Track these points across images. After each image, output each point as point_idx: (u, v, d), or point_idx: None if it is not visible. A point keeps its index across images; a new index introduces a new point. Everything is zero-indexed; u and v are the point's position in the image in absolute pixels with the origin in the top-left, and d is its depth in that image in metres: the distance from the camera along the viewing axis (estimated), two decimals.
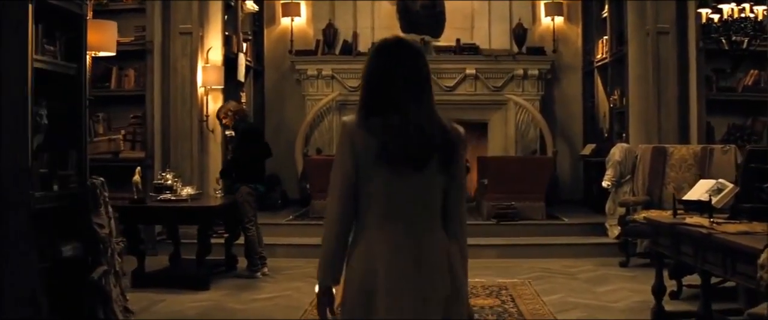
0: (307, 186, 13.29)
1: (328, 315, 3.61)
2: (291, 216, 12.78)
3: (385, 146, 3.44)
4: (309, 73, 14.65)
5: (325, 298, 3.59)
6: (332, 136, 14.39)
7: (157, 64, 11.37)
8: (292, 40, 14.96)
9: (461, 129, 3.66)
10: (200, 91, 11.74)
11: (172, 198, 9.33)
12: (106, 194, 7.15)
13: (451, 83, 14.46)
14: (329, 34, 14.78)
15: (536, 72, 14.51)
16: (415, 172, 3.48)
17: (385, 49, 3.63)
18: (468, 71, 14.46)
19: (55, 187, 6.78)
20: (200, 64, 11.63)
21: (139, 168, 9.34)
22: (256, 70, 14.77)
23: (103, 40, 8.53)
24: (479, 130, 14.95)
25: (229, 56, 12.45)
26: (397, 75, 3.53)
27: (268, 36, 15.38)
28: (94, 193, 6.98)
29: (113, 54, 8.92)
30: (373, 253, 3.50)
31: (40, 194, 6.50)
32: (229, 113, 9.89)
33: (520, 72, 14.47)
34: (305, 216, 12.79)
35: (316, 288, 3.62)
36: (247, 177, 9.75)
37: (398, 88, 3.52)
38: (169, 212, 9.28)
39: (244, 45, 13.47)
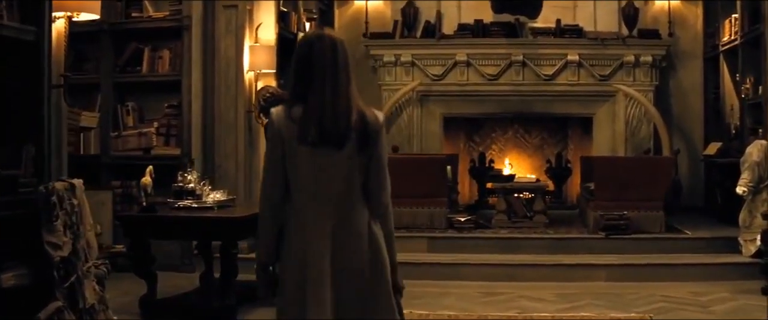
0: None
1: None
2: None
3: (303, 127, 3.77)
4: (386, 59, 13.18)
5: (263, 276, 3.96)
6: (412, 133, 13.18)
7: (196, 43, 9.91)
8: (367, 22, 13.44)
9: (380, 114, 3.98)
10: (248, 75, 10.18)
11: (194, 205, 7.43)
12: (75, 202, 5.28)
13: (550, 71, 12.89)
14: (409, 14, 13.27)
15: (649, 58, 12.82)
16: (335, 153, 3.79)
17: (305, 43, 3.94)
18: (570, 57, 12.83)
19: None
20: (247, 44, 10.10)
21: (150, 167, 7.53)
22: None
23: None
24: (583, 125, 13.59)
25: (285, 35, 10.86)
26: (314, 65, 3.82)
27: (340, 17, 13.90)
28: (47, 201, 5.09)
29: (97, 17, 7.07)
30: (302, 232, 3.83)
31: None
32: (261, 99, 8.09)
33: (631, 58, 12.79)
34: None
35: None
36: None
37: (316, 77, 3.81)
38: (183, 224, 7.34)
39: (307, 25, 11.87)
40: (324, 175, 3.81)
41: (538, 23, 13.07)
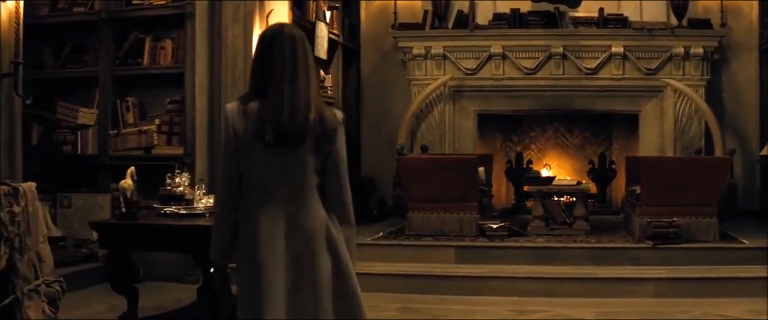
0: (401, 193, 10.86)
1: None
2: (380, 234, 10.35)
3: (260, 127, 3.80)
4: (415, 51, 12.46)
5: (218, 275, 4.04)
6: (444, 131, 12.41)
7: (201, 32, 9.35)
8: (395, 12, 12.70)
9: (339, 112, 4.01)
10: None
11: (182, 212, 6.58)
12: (18, 210, 4.48)
13: (593, 64, 12.14)
14: (440, 3, 12.53)
15: (700, 50, 12.05)
16: (291, 152, 3.83)
17: (264, 37, 3.98)
18: (614, 49, 12.08)
19: None
20: (257, 32, 9.41)
21: (132, 168, 6.67)
22: (350, 48, 12.65)
23: None
24: (628, 123, 12.81)
25: (301, 25, 10.24)
26: (273, 61, 3.86)
27: (367, 6, 13.26)
28: None
29: None
30: (255, 230, 3.83)
31: None
32: None
33: (680, 50, 12.03)
34: (400, 233, 10.36)
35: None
36: None
37: (274, 73, 3.84)
38: (165, 233, 6.44)
39: (328, 13, 11.34)
40: (278, 174, 3.84)
41: (580, 12, 12.36)
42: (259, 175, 3.83)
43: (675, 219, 9.43)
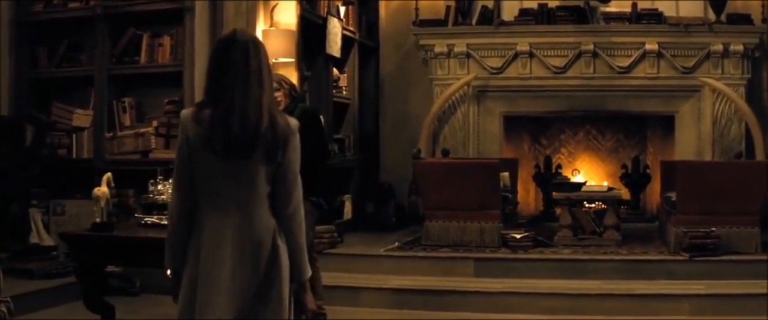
0: (418, 200, 10.50)
1: None
2: (396, 244, 9.84)
3: (209, 136, 3.78)
4: (437, 50, 11.91)
5: (175, 279, 3.95)
6: (468, 134, 11.84)
7: (201, 28, 9.06)
8: (417, 8, 12.22)
9: (294, 120, 3.98)
10: None
11: (164, 222, 6.01)
12: None
13: (626, 63, 11.56)
14: None
15: (740, 47, 11.43)
16: (241, 160, 3.80)
17: (218, 44, 3.98)
18: (648, 46, 11.49)
19: None
20: (261, 28, 9.13)
21: (108, 174, 6.15)
22: (368, 46, 12.15)
23: None
24: (663, 125, 12.24)
25: (311, 20, 9.91)
26: (226, 69, 3.85)
27: (386, 3, 12.76)
28: None
29: None
30: (202, 237, 3.81)
31: None
32: (285, 85, 6.80)
33: (719, 47, 11.42)
34: (416, 243, 9.86)
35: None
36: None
37: (227, 81, 3.83)
38: (141, 246, 5.89)
39: (343, 9, 10.91)
40: (227, 182, 3.83)
41: (611, 7, 11.84)
42: (209, 182, 3.84)
43: (713, 229, 8.93)
